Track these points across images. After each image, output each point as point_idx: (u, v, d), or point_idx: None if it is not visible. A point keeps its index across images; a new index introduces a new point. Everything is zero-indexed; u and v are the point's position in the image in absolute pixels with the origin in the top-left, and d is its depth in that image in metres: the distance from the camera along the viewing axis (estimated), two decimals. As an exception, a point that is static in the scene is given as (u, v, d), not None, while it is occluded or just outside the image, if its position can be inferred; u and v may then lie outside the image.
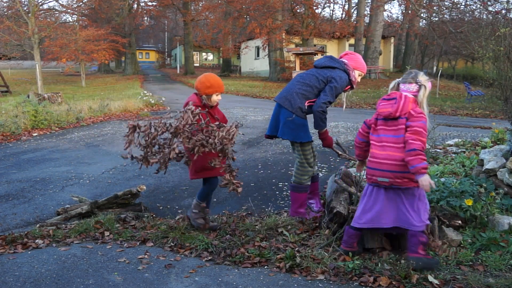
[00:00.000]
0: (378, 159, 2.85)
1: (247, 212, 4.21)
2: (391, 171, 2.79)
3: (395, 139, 2.82)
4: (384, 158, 2.82)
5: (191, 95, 3.50)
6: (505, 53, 4.42)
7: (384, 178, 2.82)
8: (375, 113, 2.99)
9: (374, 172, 2.87)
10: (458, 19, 27.37)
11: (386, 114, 2.84)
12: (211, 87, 3.42)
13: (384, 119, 2.89)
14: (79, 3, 28.91)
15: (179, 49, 45.54)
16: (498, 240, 3.09)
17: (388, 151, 2.83)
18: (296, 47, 27.30)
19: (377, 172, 2.84)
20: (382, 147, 2.86)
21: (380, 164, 2.83)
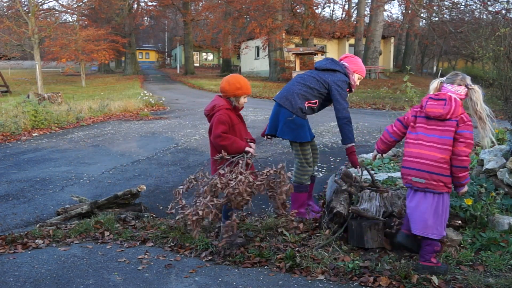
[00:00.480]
0: (415, 158, 2.74)
1: (247, 212, 4.21)
2: (428, 172, 2.68)
3: (438, 139, 2.70)
4: (421, 157, 2.71)
5: (215, 98, 3.31)
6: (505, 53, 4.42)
7: (420, 179, 2.70)
8: (413, 111, 2.87)
9: (409, 172, 2.75)
10: (458, 19, 27.38)
11: (436, 115, 2.71)
12: (241, 89, 3.26)
13: (427, 117, 2.77)
14: (79, 3, 28.90)
15: (179, 49, 45.55)
16: (498, 240, 3.09)
17: (427, 150, 2.70)
18: (296, 47, 27.31)
19: (413, 171, 2.73)
20: (419, 145, 2.74)
21: (418, 163, 2.71)
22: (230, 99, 3.29)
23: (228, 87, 3.26)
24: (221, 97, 3.32)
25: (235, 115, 3.33)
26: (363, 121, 10.31)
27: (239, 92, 3.26)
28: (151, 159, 6.57)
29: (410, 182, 2.76)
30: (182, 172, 5.79)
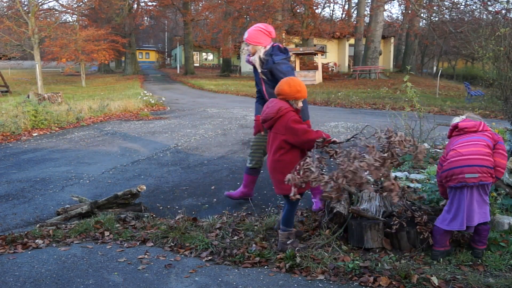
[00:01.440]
0: (465, 156, 2.89)
1: (247, 212, 4.21)
2: (480, 166, 2.85)
3: (478, 139, 2.97)
4: (471, 154, 2.88)
5: (275, 101, 3.17)
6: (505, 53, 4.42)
7: (474, 174, 2.85)
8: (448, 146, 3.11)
9: (462, 170, 2.87)
10: (458, 19, 27.38)
11: (471, 126, 3.04)
12: (300, 92, 3.16)
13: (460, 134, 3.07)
14: (79, 3, 28.93)
15: (179, 49, 45.55)
16: (498, 240, 3.10)
17: (473, 148, 2.91)
18: (296, 47, 27.35)
19: (466, 168, 2.86)
20: (466, 145, 2.94)
21: (469, 159, 2.87)
22: (289, 102, 3.16)
23: (289, 90, 3.14)
24: (280, 100, 3.18)
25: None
26: (363, 121, 10.31)
27: (298, 95, 3.16)
28: (151, 159, 6.57)
29: (464, 180, 2.86)
30: (182, 172, 5.79)
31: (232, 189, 5.03)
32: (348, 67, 32.40)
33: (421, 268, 2.82)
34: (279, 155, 3.11)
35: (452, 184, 2.92)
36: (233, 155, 6.71)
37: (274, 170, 3.17)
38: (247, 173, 4.36)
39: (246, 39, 3.86)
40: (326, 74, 27.65)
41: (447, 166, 2.95)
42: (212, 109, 13.25)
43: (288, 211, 3.22)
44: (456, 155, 2.93)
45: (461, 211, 2.90)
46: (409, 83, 5.40)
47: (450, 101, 15.46)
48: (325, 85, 22.92)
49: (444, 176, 2.96)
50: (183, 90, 22.97)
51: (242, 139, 8.03)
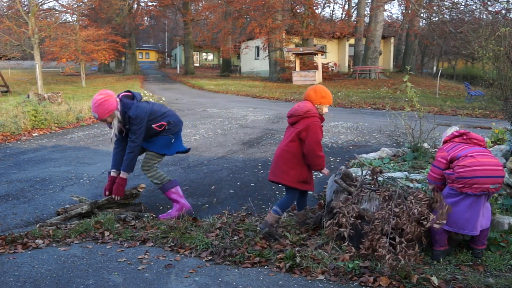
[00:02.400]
0: (489, 166, 2.92)
1: (247, 212, 4.21)
2: (501, 177, 2.94)
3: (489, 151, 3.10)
4: (494, 165, 2.94)
5: (306, 103, 3.50)
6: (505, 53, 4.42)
7: (496, 184, 2.91)
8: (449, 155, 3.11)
9: (486, 180, 2.88)
10: (458, 19, 27.38)
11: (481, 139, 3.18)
12: (325, 98, 3.50)
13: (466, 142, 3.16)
14: (79, 3, 28.91)
15: (179, 49, 45.55)
16: (498, 240, 3.10)
17: (492, 159, 2.99)
18: (296, 47, 27.34)
19: (490, 179, 2.89)
20: (485, 155, 2.99)
21: (493, 170, 2.92)
22: (315, 106, 3.50)
23: (314, 95, 3.50)
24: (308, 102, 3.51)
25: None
26: (363, 121, 10.31)
27: (323, 101, 3.50)
28: (151, 159, 6.56)
29: (487, 190, 2.90)
30: (182, 172, 5.79)
31: (232, 189, 5.03)
32: (348, 67, 32.40)
33: (421, 268, 2.82)
34: (289, 145, 3.44)
35: (472, 191, 2.90)
36: (233, 155, 6.72)
37: (280, 157, 3.49)
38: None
39: (99, 118, 3.96)
40: (326, 74, 27.65)
41: (468, 173, 2.91)
42: (212, 109, 13.25)
43: (287, 200, 3.53)
44: (479, 164, 2.92)
45: (475, 215, 2.93)
46: (409, 83, 5.39)
47: (450, 101, 15.46)
48: (325, 85, 22.84)
49: (463, 182, 2.92)
50: (183, 90, 22.97)
51: (242, 139, 8.03)
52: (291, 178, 3.41)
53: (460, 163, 2.97)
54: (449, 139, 3.23)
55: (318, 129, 3.41)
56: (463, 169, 2.93)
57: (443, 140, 3.30)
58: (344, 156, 6.40)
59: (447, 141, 3.24)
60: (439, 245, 3.01)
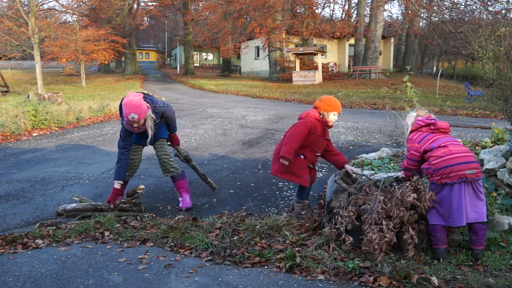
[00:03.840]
0: (461, 154, 3.02)
1: (247, 212, 4.21)
2: (475, 162, 3.02)
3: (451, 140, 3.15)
4: (465, 152, 3.04)
5: (311, 110, 3.88)
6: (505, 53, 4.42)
7: (472, 170, 2.97)
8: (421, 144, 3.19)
9: (461, 167, 2.96)
10: (458, 19, 27.38)
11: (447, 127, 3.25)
12: (330, 105, 3.79)
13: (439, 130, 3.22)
14: (79, 3, 28.88)
15: (179, 49, 45.54)
16: (498, 240, 3.10)
17: (462, 147, 3.09)
18: (296, 47, 27.34)
19: (464, 166, 2.97)
20: (456, 144, 3.09)
21: (466, 157, 3.00)
22: (320, 113, 3.82)
23: (319, 104, 3.83)
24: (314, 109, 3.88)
25: (321, 128, 3.82)
26: (363, 121, 10.31)
27: (328, 109, 3.79)
28: (151, 159, 6.56)
29: (464, 176, 2.95)
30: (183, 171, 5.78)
31: (232, 189, 5.03)
32: (348, 67, 32.39)
33: (421, 268, 2.82)
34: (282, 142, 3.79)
35: (451, 181, 2.96)
36: (233, 155, 6.72)
37: (276, 153, 3.86)
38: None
39: (139, 118, 3.97)
40: (326, 74, 27.65)
41: (442, 163, 3.00)
42: (212, 109, 13.25)
43: (300, 188, 3.93)
44: (451, 153, 3.01)
45: (462, 206, 2.95)
46: (409, 83, 5.40)
47: (450, 101, 15.46)
48: (325, 85, 22.93)
49: (440, 173, 3.00)
50: (183, 90, 22.97)
51: (242, 139, 8.03)
52: (275, 169, 3.81)
53: (434, 154, 3.07)
54: (415, 129, 3.31)
55: (303, 125, 3.70)
56: (437, 160, 3.03)
57: (410, 130, 3.36)
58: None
59: (414, 130, 3.32)
60: (441, 243, 3.01)
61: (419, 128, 3.30)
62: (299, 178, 3.76)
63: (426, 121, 3.28)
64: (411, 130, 3.36)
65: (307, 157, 3.83)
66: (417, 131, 3.30)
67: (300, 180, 3.78)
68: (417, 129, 3.31)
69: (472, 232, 3.01)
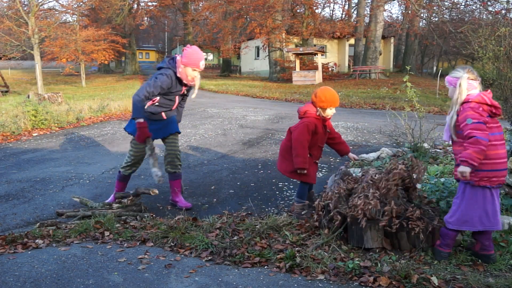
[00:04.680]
0: (504, 158, 2.77)
1: (247, 212, 4.21)
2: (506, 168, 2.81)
3: (502, 136, 2.82)
4: (505, 156, 2.79)
5: (309, 105, 3.82)
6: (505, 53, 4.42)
7: (505, 176, 2.81)
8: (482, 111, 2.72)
9: (502, 173, 2.77)
10: (458, 19, 27.38)
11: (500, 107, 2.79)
12: (325, 102, 3.71)
13: (492, 115, 2.78)
14: (79, 3, 28.89)
15: (179, 49, 45.55)
16: (498, 240, 3.10)
17: (504, 148, 2.80)
18: (296, 47, 27.34)
19: (504, 172, 2.78)
20: (502, 144, 2.78)
21: (505, 163, 2.79)
22: (317, 109, 3.76)
23: (315, 99, 3.76)
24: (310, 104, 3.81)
25: (321, 125, 3.80)
26: (363, 121, 10.31)
27: (323, 105, 3.72)
28: (151, 159, 6.57)
29: (502, 182, 2.80)
30: (182, 172, 5.78)
31: (232, 189, 5.03)
32: (348, 67, 32.39)
33: (421, 268, 2.82)
34: (287, 139, 3.89)
35: (491, 185, 2.77)
36: (233, 155, 6.72)
37: (280, 150, 4.00)
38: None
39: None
40: (326, 74, 27.65)
41: (490, 166, 2.73)
42: (212, 109, 13.25)
43: (300, 187, 3.93)
44: (499, 156, 2.74)
45: (498, 209, 2.84)
46: (409, 83, 5.40)
47: (450, 101, 15.45)
48: (325, 85, 22.91)
49: (483, 176, 2.74)
50: (183, 90, 22.94)
51: (242, 139, 8.03)
52: (284, 168, 3.89)
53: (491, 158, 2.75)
54: (478, 102, 2.74)
55: (305, 130, 3.69)
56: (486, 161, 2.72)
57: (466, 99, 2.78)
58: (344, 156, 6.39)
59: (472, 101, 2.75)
60: (447, 248, 2.97)
61: (481, 103, 2.74)
62: (307, 176, 3.80)
63: (489, 99, 2.75)
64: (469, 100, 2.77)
65: (313, 154, 3.89)
66: (479, 105, 2.73)
67: (308, 178, 3.82)
68: (479, 102, 2.74)
69: (486, 238, 2.90)
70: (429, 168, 4.65)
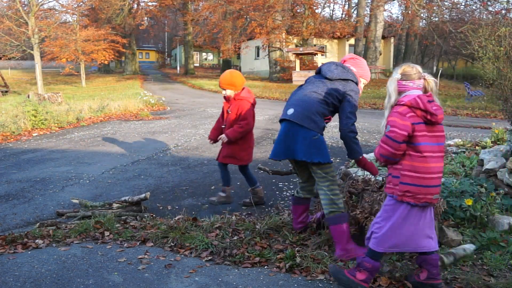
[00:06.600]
0: (435, 175, 2.39)
1: (247, 212, 4.21)
2: (440, 186, 2.45)
3: (440, 147, 2.44)
4: (440, 171, 2.41)
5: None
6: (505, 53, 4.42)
7: (437, 194, 2.43)
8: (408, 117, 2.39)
9: (429, 190, 2.38)
10: (458, 19, 27.38)
11: (441, 117, 2.40)
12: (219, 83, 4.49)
13: (428, 123, 2.39)
14: (79, 3, 28.90)
15: (179, 49, 45.54)
16: (498, 240, 3.09)
17: (441, 162, 2.42)
18: (296, 47, 27.34)
19: (434, 189, 2.40)
20: (436, 157, 2.40)
21: (438, 179, 2.41)
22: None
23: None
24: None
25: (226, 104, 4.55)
26: (363, 121, 10.31)
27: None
28: (151, 159, 6.57)
29: (430, 201, 2.41)
30: (182, 172, 5.79)
31: (232, 189, 5.03)
32: (348, 67, 32.32)
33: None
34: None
35: (415, 202, 2.40)
36: (233, 155, 6.71)
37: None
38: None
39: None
40: (326, 74, 27.59)
41: (417, 181, 2.37)
42: (212, 109, 13.24)
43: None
44: (426, 170, 2.37)
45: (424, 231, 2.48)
46: (409, 83, 5.38)
47: (450, 101, 15.46)
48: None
49: (406, 190, 2.40)
50: (183, 90, 22.96)
51: (242, 139, 8.02)
52: (221, 155, 4.49)
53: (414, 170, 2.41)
54: (410, 106, 2.39)
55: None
56: (405, 172, 2.42)
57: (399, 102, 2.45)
58: (344, 156, 6.39)
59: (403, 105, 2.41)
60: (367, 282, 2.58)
61: (413, 107, 2.39)
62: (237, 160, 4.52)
63: (425, 105, 2.36)
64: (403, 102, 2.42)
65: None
66: (409, 109, 2.40)
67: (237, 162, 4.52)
68: (410, 106, 2.39)
69: (431, 265, 2.52)
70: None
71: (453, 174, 4.30)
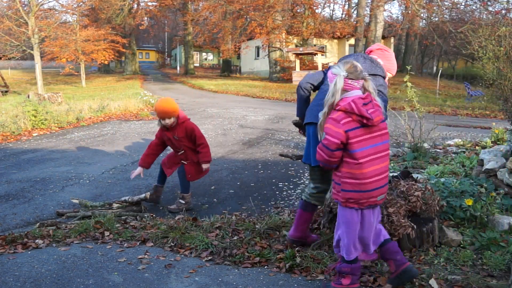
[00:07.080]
0: (376, 178, 2.38)
1: (247, 212, 4.21)
2: (386, 185, 2.45)
3: (385, 146, 2.44)
4: (382, 172, 2.40)
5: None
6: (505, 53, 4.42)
7: (382, 195, 2.44)
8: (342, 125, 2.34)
9: (371, 194, 2.38)
10: (458, 19, 27.40)
11: (380, 121, 2.39)
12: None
13: (365, 126, 2.36)
14: (79, 3, 28.89)
15: (179, 49, 45.55)
16: (498, 240, 3.09)
17: (384, 162, 2.41)
18: (296, 47, 27.35)
19: (376, 192, 2.39)
20: (376, 158, 2.38)
21: (381, 180, 2.40)
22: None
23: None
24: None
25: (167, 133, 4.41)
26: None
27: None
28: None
29: (374, 203, 2.42)
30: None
31: (232, 189, 5.03)
32: (348, 67, 32.31)
33: (421, 268, 2.82)
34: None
35: (359, 207, 2.42)
36: (233, 155, 6.71)
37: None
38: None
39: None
40: (326, 74, 27.59)
41: (358, 187, 2.36)
42: (212, 109, 13.25)
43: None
44: (364, 176, 2.35)
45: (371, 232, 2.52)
46: (409, 83, 5.40)
47: (450, 101, 15.46)
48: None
49: (349, 197, 2.40)
50: (183, 90, 22.97)
51: (242, 139, 8.03)
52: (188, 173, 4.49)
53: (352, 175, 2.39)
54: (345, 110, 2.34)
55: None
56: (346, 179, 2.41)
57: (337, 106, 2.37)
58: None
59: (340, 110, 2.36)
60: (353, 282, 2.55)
61: (348, 111, 2.34)
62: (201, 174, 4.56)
63: (359, 109, 2.31)
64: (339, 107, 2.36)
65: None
66: (345, 115, 2.34)
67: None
68: (346, 111, 2.34)
69: (396, 253, 2.54)
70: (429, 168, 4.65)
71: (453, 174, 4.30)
